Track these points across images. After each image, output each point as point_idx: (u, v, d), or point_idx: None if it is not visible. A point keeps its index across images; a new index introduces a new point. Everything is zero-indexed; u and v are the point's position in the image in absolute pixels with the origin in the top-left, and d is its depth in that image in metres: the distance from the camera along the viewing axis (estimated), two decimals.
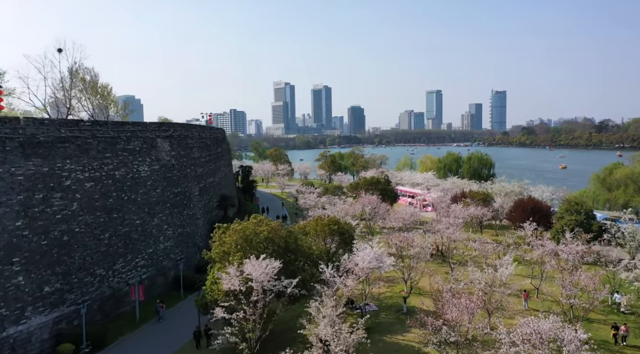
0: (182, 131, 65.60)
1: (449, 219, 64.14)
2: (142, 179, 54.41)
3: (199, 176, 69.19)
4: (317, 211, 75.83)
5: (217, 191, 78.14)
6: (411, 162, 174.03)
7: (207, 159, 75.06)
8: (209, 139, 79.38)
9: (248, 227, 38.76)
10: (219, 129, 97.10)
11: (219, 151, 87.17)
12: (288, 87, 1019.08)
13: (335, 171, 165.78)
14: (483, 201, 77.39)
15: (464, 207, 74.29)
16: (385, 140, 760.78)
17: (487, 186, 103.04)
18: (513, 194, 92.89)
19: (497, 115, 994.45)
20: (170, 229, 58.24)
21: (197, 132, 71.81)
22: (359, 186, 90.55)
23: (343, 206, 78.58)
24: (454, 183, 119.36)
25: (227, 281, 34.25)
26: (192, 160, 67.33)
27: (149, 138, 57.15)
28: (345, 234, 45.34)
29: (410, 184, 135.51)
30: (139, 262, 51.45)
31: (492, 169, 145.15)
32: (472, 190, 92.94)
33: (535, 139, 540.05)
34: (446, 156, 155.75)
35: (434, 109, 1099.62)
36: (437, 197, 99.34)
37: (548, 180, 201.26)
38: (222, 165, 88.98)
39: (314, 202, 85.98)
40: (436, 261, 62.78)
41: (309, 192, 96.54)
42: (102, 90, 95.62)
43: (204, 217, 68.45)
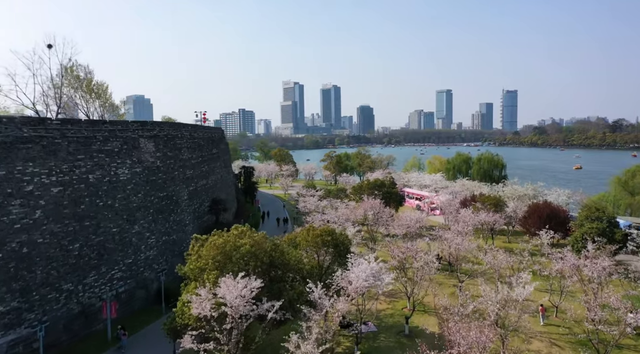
0: (169, 131, 60.98)
1: (457, 227, 58.99)
2: (121, 183, 49.81)
3: (189, 179, 64.56)
4: (316, 215, 71.02)
5: (210, 194, 73.52)
6: (419, 163, 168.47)
7: (198, 160, 70.45)
8: (202, 139, 74.76)
9: (228, 241, 33.92)
10: (215, 129, 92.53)
11: (214, 151, 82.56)
12: (297, 87, 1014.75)
13: (340, 172, 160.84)
14: (494, 206, 71.99)
15: (474, 213, 69.04)
16: (395, 140, 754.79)
17: (498, 189, 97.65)
18: (526, 198, 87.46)
19: (508, 114, 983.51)
20: (154, 237, 53.61)
21: (187, 131, 67.18)
22: (362, 189, 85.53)
23: (344, 211, 73.66)
24: (463, 185, 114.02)
25: (197, 304, 29.44)
26: (180, 161, 62.71)
27: (130, 138, 52.57)
28: (340, 246, 40.37)
29: (418, 185, 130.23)
30: (115, 275, 46.82)
31: (504, 171, 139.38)
32: (483, 193, 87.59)
33: (547, 139, 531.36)
34: (455, 157, 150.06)
35: (444, 108, 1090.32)
36: (446, 201, 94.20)
37: (561, 181, 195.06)
38: (218, 167, 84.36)
39: (314, 205, 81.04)
40: (443, 272, 57.79)
41: (310, 195, 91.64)
42: (97, 88, 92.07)
43: (193, 223, 63.82)
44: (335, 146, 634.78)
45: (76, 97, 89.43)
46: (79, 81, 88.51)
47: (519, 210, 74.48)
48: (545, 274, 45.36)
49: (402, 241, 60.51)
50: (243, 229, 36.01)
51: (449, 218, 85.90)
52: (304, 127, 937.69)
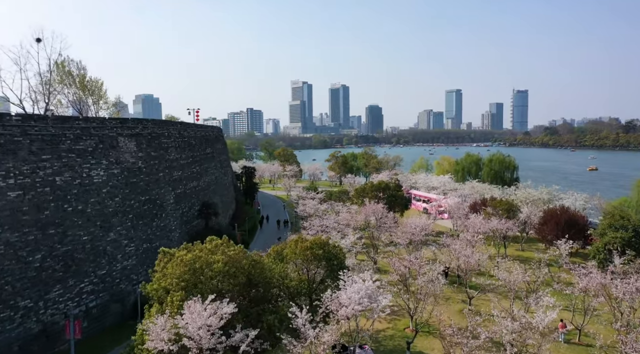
0: (154, 129, 56.30)
1: (467, 235, 53.83)
2: (95, 186, 45.18)
3: (176, 181, 59.86)
4: (315, 220, 66.09)
5: (201, 197, 68.80)
6: (427, 163, 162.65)
7: (188, 160, 65.76)
8: (194, 138, 70.06)
9: (199, 257, 29.07)
10: (211, 128, 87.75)
11: (207, 151, 77.86)
12: (305, 86, 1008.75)
13: (346, 173, 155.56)
14: (507, 211, 66.61)
15: (484, 219, 63.78)
16: (403, 140, 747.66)
17: (510, 192, 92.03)
18: (541, 202, 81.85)
19: (518, 115, 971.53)
20: (133, 245, 48.92)
21: (176, 130, 62.49)
22: (365, 192, 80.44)
23: (346, 216, 68.65)
24: (473, 188, 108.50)
25: (153, 336, 24.59)
26: (167, 162, 58.03)
27: (107, 136, 47.93)
28: (332, 260, 35.37)
29: (425, 187, 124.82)
30: (85, 288, 42.16)
31: (516, 172, 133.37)
32: (494, 197, 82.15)
33: (559, 139, 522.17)
34: (465, 158, 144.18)
35: (453, 108, 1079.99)
36: (454, 204, 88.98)
37: (573, 183, 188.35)
38: (213, 167, 79.65)
39: (313, 209, 76.03)
40: (451, 285, 52.68)
41: (310, 197, 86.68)
42: (91, 85, 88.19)
43: (180, 229, 59.12)
44: (343, 145, 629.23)
45: (69, 94, 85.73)
46: (71, 77, 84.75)
47: (533, 216, 69.04)
48: (568, 292, 40.02)
49: (405, 250, 55.47)
50: (217, 242, 31.15)
51: (458, 223, 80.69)
52: (313, 126, 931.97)
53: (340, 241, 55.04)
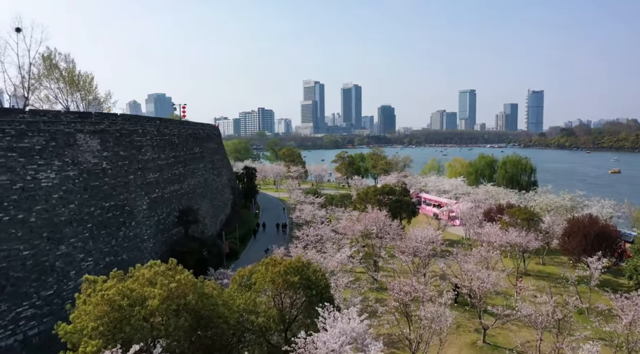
0: (124, 125, 49.45)
1: (481, 250, 46.36)
2: (44, 191, 38.41)
3: (151, 184, 53.01)
4: (312, 227, 58.95)
5: (184, 201, 61.94)
6: (438, 165, 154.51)
7: (169, 161, 58.94)
8: (178, 136, 63.25)
9: (132, 289, 22.09)
10: (201, 125, 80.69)
11: (195, 151, 71.03)
12: (317, 86, 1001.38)
13: (353, 174, 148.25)
14: (527, 221, 58.89)
15: (501, 230, 56.19)
16: (416, 140, 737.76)
17: (529, 198, 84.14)
18: (563, 210, 73.99)
19: (533, 115, 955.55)
20: (91, 259, 42.11)
21: (153, 126, 55.67)
22: (368, 197, 73.11)
23: (345, 223, 61.40)
24: (487, 192, 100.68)
25: None
26: (140, 163, 51.20)
27: (61, 133, 41.19)
28: (313, 289, 28.16)
29: (436, 191, 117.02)
30: (24, 313, 35.38)
31: (533, 175, 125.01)
32: (511, 204, 74.37)
33: (575, 140, 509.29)
34: (478, 159, 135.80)
35: (467, 109, 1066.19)
36: (467, 210, 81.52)
37: (592, 187, 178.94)
38: (202, 168, 72.80)
39: (310, 215, 68.77)
40: (462, 308, 45.34)
41: (309, 202, 79.52)
42: (81, 80, 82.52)
43: (155, 238, 52.25)
44: (354, 146, 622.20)
45: (55, 89, 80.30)
46: (58, 71, 79.31)
47: (556, 226, 61.20)
48: (609, 330, 32.35)
49: (409, 267, 48.10)
50: (158, 269, 24.07)
51: (470, 231, 73.23)
52: (324, 126, 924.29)
53: (335, 255, 47.95)
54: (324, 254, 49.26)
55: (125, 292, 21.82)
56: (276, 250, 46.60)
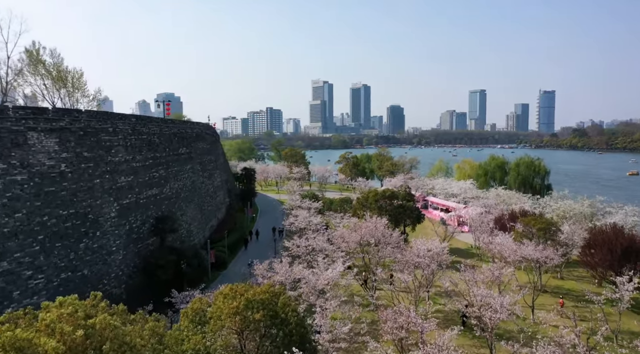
0: (90, 122, 43.96)
1: (493, 268, 40.36)
2: None
3: (123, 188, 47.51)
4: (302, 239, 53.17)
5: (165, 207, 56.44)
6: (447, 167, 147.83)
7: (146, 163, 53.47)
8: (159, 135, 57.77)
9: (18, 338, 16.41)
10: (190, 123, 75.03)
11: (181, 151, 65.55)
12: (326, 86, 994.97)
13: (357, 176, 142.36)
14: (544, 231, 52.69)
15: (515, 241, 50.11)
16: (425, 140, 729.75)
17: (544, 204, 77.68)
18: (582, 217, 67.65)
19: (544, 116, 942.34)
20: (42, 276, 36.67)
21: (127, 124, 50.17)
22: (368, 202, 67.31)
23: (342, 232, 55.47)
24: (498, 196, 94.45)
25: None
26: (108, 165, 45.73)
27: (7, 131, 35.81)
28: (281, 328, 22.38)
29: (444, 194, 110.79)
30: None
31: (547, 178, 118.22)
32: (525, 210, 68.19)
33: (588, 141, 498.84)
34: (489, 161, 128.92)
35: (477, 109, 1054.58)
36: (476, 216, 75.56)
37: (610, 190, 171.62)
38: (188, 170, 67.32)
39: (304, 222, 62.91)
40: (468, 332, 39.49)
41: (306, 207, 73.73)
42: (70, 76, 78.14)
43: (125, 250, 46.74)
44: (363, 146, 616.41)
45: (42, 85, 76.09)
46: (42, 66, 75.17)
47: (576, 236, 54.94)
48: None
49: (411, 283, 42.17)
50: (66, 311, 18.34)
51: (481, 239, 67.19)
52: (333, 126, 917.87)
53: (325, 271, 42.22)
54: (315, 269, 43.62)
55: (15, 344, 16.17)
56: (257, 266, 40.91)
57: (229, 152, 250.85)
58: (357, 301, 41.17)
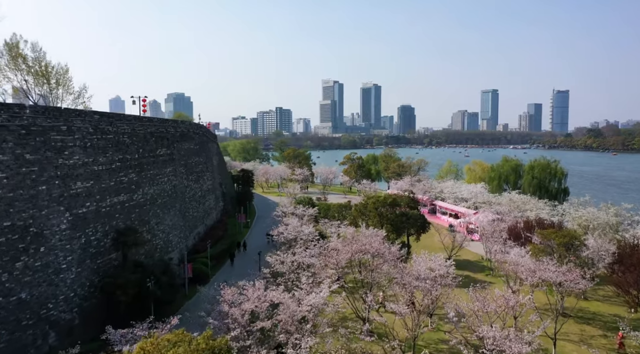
0: (35, 119, 37.71)
1: (507, 296, 33.50)
2: None
3: (78, 196, 41.22)
4: (287, 254, 46.60)
5: (136, 216, 50.11)
6: (456, 169, 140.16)
7: (114, 166, 47.19)
8: (130, 135, 51.50)
9: None
10: (173, 122, 68.36)
11: (161, 152, 59.27)
12: (337, 86, 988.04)
13: (362, 178, 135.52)
14: (566, 246, 45.63)
15: (532, 258, 43.17)
16: (436, 141, 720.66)
17: (563, 211, 70.44)
18: (606, 227, 60.43)
19: (558, 116, 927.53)
20: None
21: (89, 122, 43.90)
22: (367, 209, 60.64)
23: (336, 243, 48.75)
24: (511, 201, 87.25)
25: None
26: (60, 169, 39.48)
27: None
28: None
29: (453, 198, 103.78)
30: None
31: (564, 182, 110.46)
32: (542, 219, 61.20)
33: (604, 142, 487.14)
34: (502, 163, 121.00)
35: (489, 109, 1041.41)
36: (488, 224, 68.94)
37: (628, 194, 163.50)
38: (169, 173, 61.03)
39: (294, 233, 56.24)
40: None
41: (299, 214, 67.08)
42: (54, 71, 72.83)
43: (81, 267, 40.47)
44: (373, 146, 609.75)
45: (22, 81, 70.77)
46: (22, 59, 69.86)
47: (603, 252, 47.79)
48: None
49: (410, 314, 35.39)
50: None
51: (492, 250, 60.34)
52: (343, 126, 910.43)
53: (308, 295, 35.72)
54: (299, 291, 37.11)
55: None
56: (224, 291, 34.36)
57: (234, 152, 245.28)
58: (345, 333, 34.60)
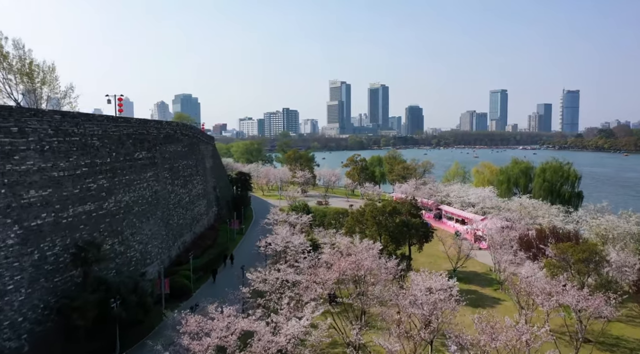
0: None
1: (522, 329, 28.21)
2: None
3: (30, 206, 36.42)
4: (272, 270, 41.60)
5: (105, 225, 45.31)
6: (464, 171, 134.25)
7: (79, 171, 42.47)
8: (101, 137, 46.76)
9: None
10: (157, 123, 63.33)
11: (140, 156, 54.50)
12: (344, 86, 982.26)
13: (366, 180, 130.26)
14: (586, 262, 40.25)
15: (547, 276, 37.87)
16: (444, 141, 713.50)
17: (578, 218, 64.91)
18: (628, 238, 54.89)
19: (568, 116, 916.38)
20: None
21: (46, 122, 39.16)
22: (364, 218, 55.54)
23: (328, 256, 43.68)
24: (522, 206, 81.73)
25: None
26: (7, 176, 34.71)
27: None
28: None
29: (459, 203, 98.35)
30: None
31: (577, 185, 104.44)
32: (556, 227, 55.80)
33: (615, 142, 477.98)
34: (511, 166, 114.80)
35: (498, 109, 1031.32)
36: (496, 231, 63.86)
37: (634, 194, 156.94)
38: (149, 179, 56.25)
39: (282, 244, 51.11)
40: None
41: (292, 222, 62.01)
42: (37, 69, 68.83)
43: (32, 287, 35.66)
44: (380, 147, 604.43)
45: (3, 80, 67.01)
46: (6, 59, 66.34)
47: (627, 267, 42.36)
48: None
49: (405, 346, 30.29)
50: None
51: (502, 261, 55.17)
52: (351, 127, 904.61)
53: (286, 324, 30.73)
54: (276, 317, 32.16)
55: None
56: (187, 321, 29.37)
57: (237, 153, 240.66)
58: None
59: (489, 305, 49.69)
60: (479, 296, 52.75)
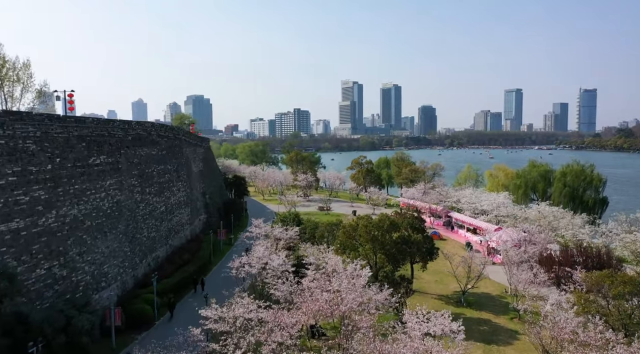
0: None
1: None
2: None
3: None
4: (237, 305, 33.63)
5: (41, 247, 37.75)
6: (476, 174, 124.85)
7: (3, 181, 34.95)
8: (40, 140, 39.28)
9: None
10: (123, 123, 55.31)
11: (97, 161, 46.92)
12: (356, 87, 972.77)
13: (371, 184, 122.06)
14: (631, 295, 31.76)
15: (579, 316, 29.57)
16: (458, 142, 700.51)
17: (607, 231, 56.18)
18: None
19: (585, 115, 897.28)
20: None
21: None
22: (357, 233, 47.40)
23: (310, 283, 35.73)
24: (541, 215, 72.99)
25: None
26: None
27: None
28: None
29: (471, 210, 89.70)
30: None
31: (601, 191, 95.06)
32: (584, 247, 47.15)
33: (635, 142, 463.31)
34: (529, 169, 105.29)
35: (512, 109, 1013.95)
36: (512, 245, 55.95)
37: None
38: (110, 187, 48.66)
39: (258, 267, 43.11)
40: None
41: (276, 236, 53.99)
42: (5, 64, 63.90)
43: None
44: (392, 147, 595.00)
45: None
46: None
47: None
48: None
49: None
50: None
51: (518, 280, 47.03)
52: (363, 127, 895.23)
53: None
54: None
55: None
56: None
57: (242, 155, 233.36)
58: None
59: (504, 341, 41.31)
60: (492, 327, 44.39)
